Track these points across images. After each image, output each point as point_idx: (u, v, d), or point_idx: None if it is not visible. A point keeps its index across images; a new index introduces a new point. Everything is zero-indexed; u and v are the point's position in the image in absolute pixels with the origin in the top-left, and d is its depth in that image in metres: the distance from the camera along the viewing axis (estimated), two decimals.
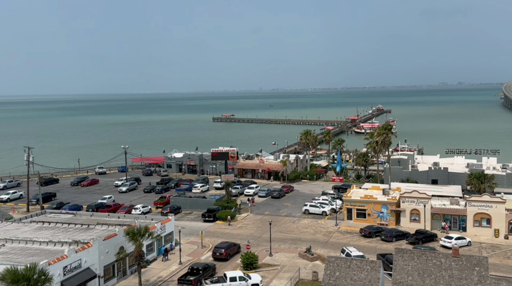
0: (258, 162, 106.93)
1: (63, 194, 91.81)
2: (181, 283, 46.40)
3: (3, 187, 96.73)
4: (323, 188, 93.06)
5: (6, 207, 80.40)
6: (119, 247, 47.36)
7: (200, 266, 47.98)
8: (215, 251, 54.34)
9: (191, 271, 47.69)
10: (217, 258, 53.80)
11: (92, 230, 51.87)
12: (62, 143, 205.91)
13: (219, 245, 55.64)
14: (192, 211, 76.98)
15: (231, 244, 56.13)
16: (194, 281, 45.78)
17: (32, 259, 40.90)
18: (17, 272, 32.14)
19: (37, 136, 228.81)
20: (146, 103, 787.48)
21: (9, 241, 46.88)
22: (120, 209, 74.75)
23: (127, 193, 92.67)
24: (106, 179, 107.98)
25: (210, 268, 48.90)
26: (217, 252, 54.08)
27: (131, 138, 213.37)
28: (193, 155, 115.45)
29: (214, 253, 54.24)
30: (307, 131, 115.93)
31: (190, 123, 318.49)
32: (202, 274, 46.98)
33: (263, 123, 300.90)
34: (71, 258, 41.35)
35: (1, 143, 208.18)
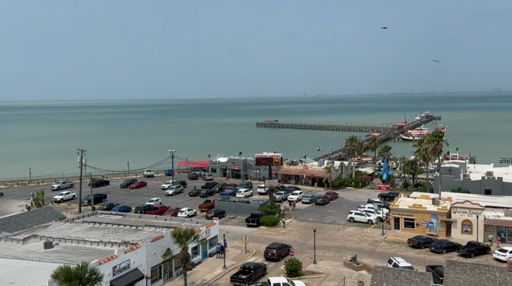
0: (302, 168, 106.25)
1: (113, 195, 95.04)
2: (233, 281, 48.10)
3: (57, 188, 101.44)
4: (369, 195, 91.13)
5: (60, 207, 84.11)
6: (166, 249, 48.32)
7: (251, 266, 49.74)
8: (267, 251, 56.18)
9: (243, 270, 49.36)
10: (269, 258, 55.52)
11: (140, 231, 53.27)
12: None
13: (271, 245, 57.35)
14: (236, 215, 77.48)
15: (282, 245, 57.65)
16: (246, 280, 47.46)
17: (84, 258, 42.50)
18: (70, 271, 33.39)
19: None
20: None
21: (62, 240, 48.94)
22: (166, 212, 76.37)
23: (173, 196, 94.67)
24: (153, 181, 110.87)
25: (261, 268, 50.53)
26: (269, 253, 55.91)
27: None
28: (237, 159, 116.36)
29: (266, 253, 56.08)
30: (353, 138, 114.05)
31: (234, 128, 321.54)
32: (253, 273, 48.71)
33: (307, 129, 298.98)
34: (120, 259, 42.61)
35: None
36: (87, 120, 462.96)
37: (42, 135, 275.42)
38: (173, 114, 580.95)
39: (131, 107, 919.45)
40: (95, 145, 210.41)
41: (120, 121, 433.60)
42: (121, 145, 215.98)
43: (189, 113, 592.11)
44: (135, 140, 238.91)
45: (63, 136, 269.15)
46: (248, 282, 47.45)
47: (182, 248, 44.92)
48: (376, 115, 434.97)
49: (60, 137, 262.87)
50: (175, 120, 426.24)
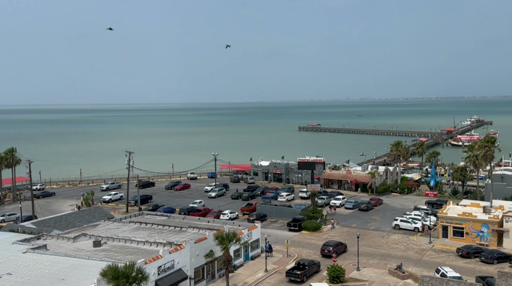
0: (345, 173, 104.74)
1: (158, 196, 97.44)
2: (288, 276, 50.00)
3: (105, 188, 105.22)
4: (415, 202, 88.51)
5: (108, 207, 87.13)
6: (209, 251, 48.96)
7: (306, 262, 51.49)
8: (324, 248, 58.11)
9: (298, 266, 51.15)
10: (325, 255, 57.21)
11: (184, 232, 54.32)
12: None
13: (328, 243, 59.25)
14: (278, 219, 77.38)
15: (338, 243, 59.42)
16: (301, 275, 49.33)
17: (131, 257, 43.81)
18: (117, 269, 34.47)
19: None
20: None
21: (110, 239, 50.70)
22: (209, 214, 77.43)
23: (216, 198, 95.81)
24: (196, 184, 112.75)
25: (316, 265, 52.40)
26: (325, 250, 57.85)
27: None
28: (279, 163, 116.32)
29: (323, 250, 58.02)
30: (398, 143, 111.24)
31: (276, 132, 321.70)
32: (307, 269, 50.54)
33: (350, 133, 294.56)
34: (165, 259, 43.60)
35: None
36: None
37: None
38: (225, 117, 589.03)
39: (181, 111, 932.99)
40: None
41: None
42: (175, 146, 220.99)
43: (239, 117, 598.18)
44: (182, 141, 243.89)
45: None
46: (302, 278, 49.27)
47: (224, 250, 45.38)
48: (423, 120, 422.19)
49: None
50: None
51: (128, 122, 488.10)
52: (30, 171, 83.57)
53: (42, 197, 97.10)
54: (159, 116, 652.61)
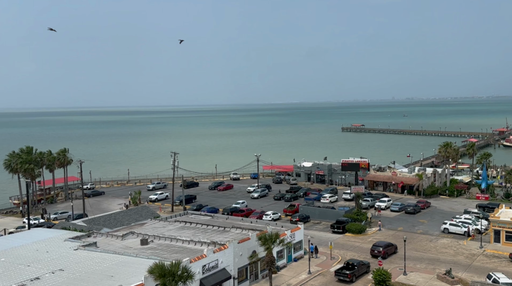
0: (390, 174, 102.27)
1: (202, 196, 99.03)
2: (337, 276, 50.27)
3: (152, 188, 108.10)
4: (465, 205, 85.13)
5: (154, 206, 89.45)
6: (252, 251, 49.22)
7: (355, 262, 51.45)
8: (373, 249, 58.00)
9: (347, 266, 51.20)
10: (375, 256, 56.91)
11: (227, 232, 54.90)
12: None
13: (377, 243, 59.20)
14: (321, 221, 76.65)
15: (389, 244, 59.27)
16: (350, 275, 49.48)
17: (176, 256, 44.73)
18: (164, 267, 35.35)
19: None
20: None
21: (157, 238, 52.01)
22: (252, 214, 77.82)
23: (258, 199, 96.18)
24: (239, 184, 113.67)
25: (365, 265, 52.26)
26: (375, 250, 57.73)
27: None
28: (322, 164, 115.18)
29: (372, 250, 57.88)
30: (447, 144, 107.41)
31: (319, 132, 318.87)
32: (357, 269, 50.55)
33: (395, 134, 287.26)
34: (209, 258, 44.24)
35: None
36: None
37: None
38: (267, 118, 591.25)
39: (227, 112, 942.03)
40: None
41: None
42: (215, 146, 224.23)
43: (281, 118, 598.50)
44: (228, 141, 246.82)
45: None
46: (351, 277, 49.38)
47: (268, 251, 45.45)
48: (473, 120, 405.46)
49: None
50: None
51: (176, 124, 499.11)
52: (81, 170, 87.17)
53: (92, 196, 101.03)
54: (205, 118, 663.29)
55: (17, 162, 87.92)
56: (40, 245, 50.50)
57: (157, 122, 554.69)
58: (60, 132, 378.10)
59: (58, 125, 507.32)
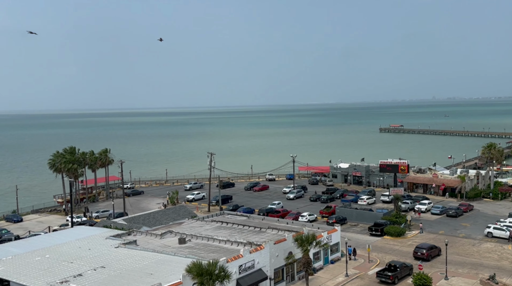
0: (431, 176, 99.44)
1: (238, 197, 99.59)
2: (379, 277, 49.70)
3: (189, 188, 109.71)
4: (510, 209, 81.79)
5: (191, 206, 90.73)
6: (288, 252, 49.04)
7: (397, 264, 50.95)
8: (416, 250, 57.08)
9: (389, 267, 50.69)
10: (418, 258, 56.07)
11: (263, 233, 54.93)
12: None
13: (421, 245, 58.23)
14: (358, 223, 75.47)
15: (432, 246, 58.25)
16: (392, 277, 48.92)
17: (213, 255, 45.15)
18: (202, 266, 35.78)
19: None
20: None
21: (194, 237, 52.69)
22: (288, 215, 77.55)
23: (294, 200, 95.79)
24: (275, 185, 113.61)
25: (408, 268, 51.49)
26: (418, 252, 56.77)
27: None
28: (359, 165, 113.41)
29: (415, 252, 56.96)
30: (491, 145, 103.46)
31: (356, 133, 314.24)
32: (399, 271, 49.91)
33: (436, 135, 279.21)
34: (246, 258, 44.40)
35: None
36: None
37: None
38: (303, 119, 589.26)
39: (263, 113, 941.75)
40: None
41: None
42: (251, 148, 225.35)
43: (317, 118, 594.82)
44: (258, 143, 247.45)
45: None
46: (393, 279, 48.77)
47: (304, 253, 45.16)
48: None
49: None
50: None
51: (211, 125, 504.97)
52: (122, 170, 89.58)
53: (132, 195, 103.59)
54: (241, 119, 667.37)
55: (61, 162, 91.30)
56: (82, 243, 52.22)
57: (193, 123, 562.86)
58: (101, 133, 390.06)
59: (99, 126, 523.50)
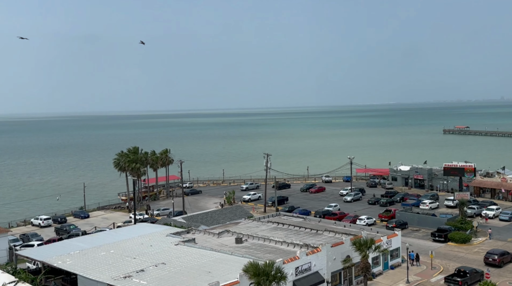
0: (499, 181, 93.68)
1: (294, 198, 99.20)
2: (447, 282, 48.69)
3: (245, 188, 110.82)
4: None
5: (248, 206, 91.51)
6: (346, 256, 48.10)
7: (467, 270, 49.62)
8: (488, 256, 55.39)
9: (458, 273, 49.43)
10: (489, 264, 54.36)
11: (320, 235, 54.29)
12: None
13: (492, 251, 56.66)
14: (420, 228, 72.59)
15: (504, 252, 56.56)
16: (461, 282, 47.74)
17: (269, 256, 45.25)
18: (258, 267, 35.99)
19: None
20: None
21: (251, 237, 53.10)
22: (345, 218, 76.12)
23: (351, 202, 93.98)
24: (331, 187, 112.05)
25: (478, 274, 49.94)
26: (489, 258, 55.16)
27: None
28: (421, 168, 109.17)
29: (486, 258, 55.28)
30: None
31: (417, 135, 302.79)
32: (469, 277, 48.50)
33: (505, 137, 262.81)
34: (302, 260, 44.07)
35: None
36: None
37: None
38: (362, 119, 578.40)
39: (319, 113, 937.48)
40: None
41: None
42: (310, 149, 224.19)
43: (377, 119, 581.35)
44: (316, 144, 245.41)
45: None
46: (463, 285, 47.53)
47: (362, 257, 44.13)
48: None
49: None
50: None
51: (266, 125, 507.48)
52: (181, 170, 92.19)
53: (190, 194, 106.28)
54: (297, 119, 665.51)
55: (125, 161, 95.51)
56: (144, 239, 54.25)
57: (249, 123, 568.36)
58: (162, 133, 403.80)
59: (161, 127, 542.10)
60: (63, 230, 73.73)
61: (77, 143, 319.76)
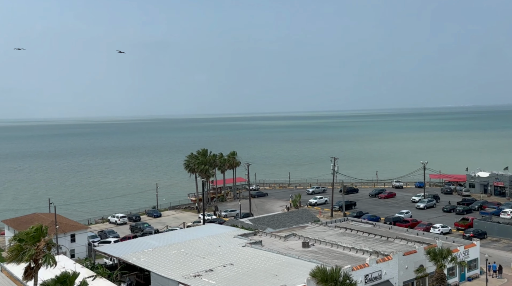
0: None
1: (362, 203, 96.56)
2: None
3: (311, 192, 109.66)
4: None
5: (314, 210, 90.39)
6: (419, 265, 45.80)
7: None
8: None
9: None
10: None
11: (391, 243, 52.30)
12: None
13: None
14: (500, 238, 67.74)
15: None
16: None
17: (337, 262, 44.26)
18: (326, 272, 35.24)
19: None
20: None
21: (318, 242, 52.34)
22: (417, 226, 72.89)
23: (424, 209, 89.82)
24: (402, 193, 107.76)
25: None
26: None
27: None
28: (502, 175, 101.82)
29: None
30: None
31: (498, 139, 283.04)
32: None
33: None
34: (372, 268, 42.65)
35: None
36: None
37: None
38: (435, 123, 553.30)
39: (389, 116, 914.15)
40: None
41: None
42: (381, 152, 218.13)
43: (452, 122, 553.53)
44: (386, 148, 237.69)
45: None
46: None
47: (438, 267, 41.80)
48: None
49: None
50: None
51: (337, 128, 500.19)
52: (248, 172, 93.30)
53: (257, 196, 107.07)
54: (370, 122, 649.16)
55: (195, 163, 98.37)
56: (213, 240, 55.39)
57: (317, 126, 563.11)
58: (230, 136, 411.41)
59: (228, 130, 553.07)
60: (137, 228, 77.28)
61: (149, 144, 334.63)
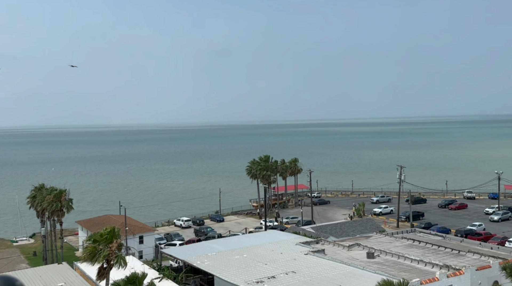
0: None
1: (430, 214, 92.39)
2: None
3: (376, 201, 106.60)
4: None
5: (379, 220, 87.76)
6: (493, 281, 43.14)
7: None
8: None
9: None
10: None
11: (463, 256, 49.56)
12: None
13: None
14: None
15: None
16: None
17: (404, 274, 42.62)
18: (393, 285, 34.10)
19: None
20: None
21: (383, 253, 50.72)
22: (491, 239, 68.50)
23: (498, 222, 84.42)
24: (475, 204, 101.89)
25: None
26: None
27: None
28: None
29: None
30: None
31: None
32: None
33: None
34: (442, 282, 40.65)
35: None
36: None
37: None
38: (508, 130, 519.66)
39: (455, 123, 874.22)
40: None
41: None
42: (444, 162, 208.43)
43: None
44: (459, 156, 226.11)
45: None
46: None
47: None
48: None
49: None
50: None
51: (405, 135, 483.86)
52: (310, 179, 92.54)
53: (318, 204, 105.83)
54: (440, 129, 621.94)
55: (257, 169, 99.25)
56: (275, 246, 55.47)
57: (381, 132, 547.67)
58: (290, 143, 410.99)
59: (289, 136, 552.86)
60: (201, 232, 79.25)
61: (212, 150, 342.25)
